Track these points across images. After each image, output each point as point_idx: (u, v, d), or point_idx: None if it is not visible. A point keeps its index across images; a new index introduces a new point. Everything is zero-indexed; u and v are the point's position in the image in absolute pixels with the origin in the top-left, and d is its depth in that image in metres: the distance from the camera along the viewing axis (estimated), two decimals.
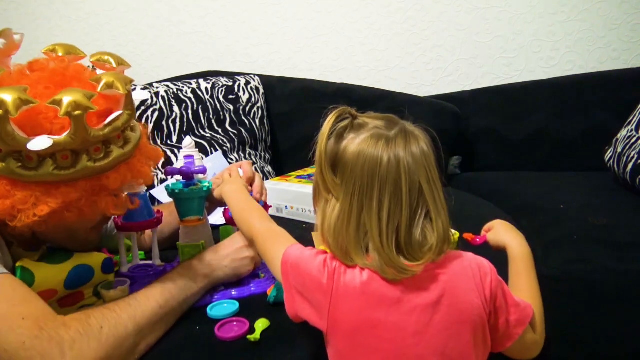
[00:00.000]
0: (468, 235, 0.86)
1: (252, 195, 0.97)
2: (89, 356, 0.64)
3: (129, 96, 0.73)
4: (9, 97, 0.62)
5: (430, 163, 0.61)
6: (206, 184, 0.95)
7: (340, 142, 0.62)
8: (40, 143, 0.64)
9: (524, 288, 0.70)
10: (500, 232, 0.78)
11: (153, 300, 0.74)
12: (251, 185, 0.99)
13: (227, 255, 0.87)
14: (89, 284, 0.83)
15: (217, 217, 1.16)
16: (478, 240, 0.84)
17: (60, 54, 0.78)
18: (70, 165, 0.68)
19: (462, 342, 0.59)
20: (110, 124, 0.70)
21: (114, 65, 0.78)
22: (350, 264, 0.61)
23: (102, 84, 0.70)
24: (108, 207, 0.74)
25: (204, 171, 0.95)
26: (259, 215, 0.81)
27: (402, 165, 0.59)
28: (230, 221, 0.98)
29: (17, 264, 0.75)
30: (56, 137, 0.66)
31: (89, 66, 0.80)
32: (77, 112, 0.65)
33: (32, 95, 0.66)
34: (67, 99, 0.65)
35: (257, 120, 1.82)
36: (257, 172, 1.09)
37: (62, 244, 0.81)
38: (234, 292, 0.89)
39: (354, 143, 0.61)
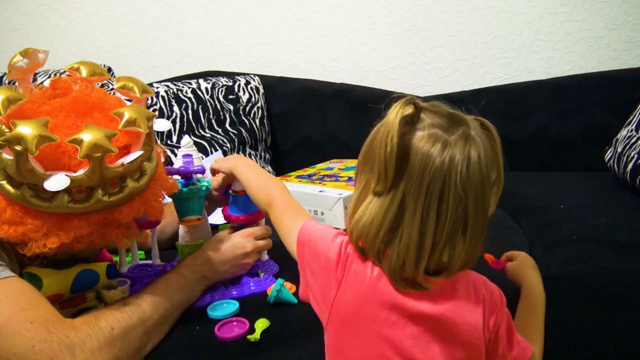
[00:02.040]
0: (489, 257, 0.84)
1: None
2: (100, 358, 0.64)
3: (150, 134, 0.72)
4: (29, 131, 0.61)
5: (485, 179, 0.54)
6: (205, 183, 0.95)
7: (403, 136, 0.55)
8: (57, 183, 0.64)
9: (530, 329, 0.68)
10: (521, 267, 0.76)
11: (161, 302, 0.75)
12: None
13: (229, 261, 0.88)
14: (93, 288, 0.84)
15: (217, 217, 1.16)
16: (497, 265, 0.82)
17: (84, 74, 0.77)
18: (84, 199, 0.68)
19: (455, 359, 0.58)
20: (131, 163, 0.70)
21: (138, 94, 0.77)
22: (363, 258, 0.60)
23: (124, 120, 0.69)
24: (118, 239, 0.74)
25: (202, 171, 0.95)
26: (281, 188, 0.79)
27: (453, 177, 0.53)
28: (229, 219, 0.98)
29: (24, 271, 0.75)
30: (73, 175, 0.65)
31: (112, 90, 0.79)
32: (96, 155, 0.64)
33: (53, 125, 0.65)
34: (87, 138, 0.64)
35: (257, 120, 1.82)
36: None
37: (59, 259, 0.81)
38: (234, 292, 0.89)
39: (413, 138, 0.54)
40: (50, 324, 0.64)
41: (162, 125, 0.80)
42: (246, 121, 1.79)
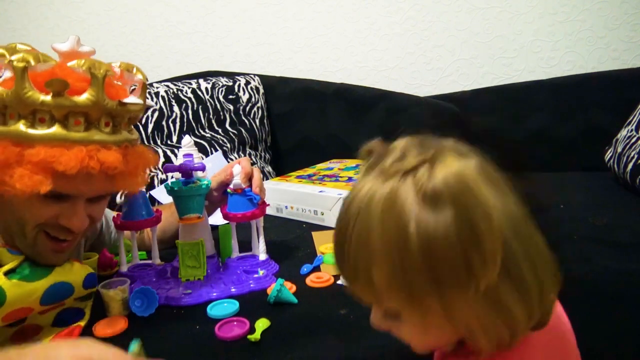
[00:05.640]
0: None
1: (250, 190, 0.97)
2: None
3: (96, 79, 0.68)
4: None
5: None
6: (205, 182, 0.95)
7: None
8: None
9: None
10: None
11: None
12: (250, 180, 0.98)
13: None
14: (69, 298, 0.79)
15: (216, 218, 1.16)
16: None
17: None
18: (1, 122, 0.68)
19: None
20: (58, 94, 0.66)
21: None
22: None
23: (73, 62, 0.69)
24: (23, 180, 0.65)
25: (202, 168, 0.95)
26: None
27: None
28: (227, 218, 0.98)
29: None
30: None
31: None
32: (19, 63, 0.64)
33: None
34: (17, 55, 0.66)
35: (257, 120, 1.82)
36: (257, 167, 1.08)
37: (15, 241, 0.75)
38: (233, 289, 0.89)
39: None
40: None
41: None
42: (246, 121, 1.79)
